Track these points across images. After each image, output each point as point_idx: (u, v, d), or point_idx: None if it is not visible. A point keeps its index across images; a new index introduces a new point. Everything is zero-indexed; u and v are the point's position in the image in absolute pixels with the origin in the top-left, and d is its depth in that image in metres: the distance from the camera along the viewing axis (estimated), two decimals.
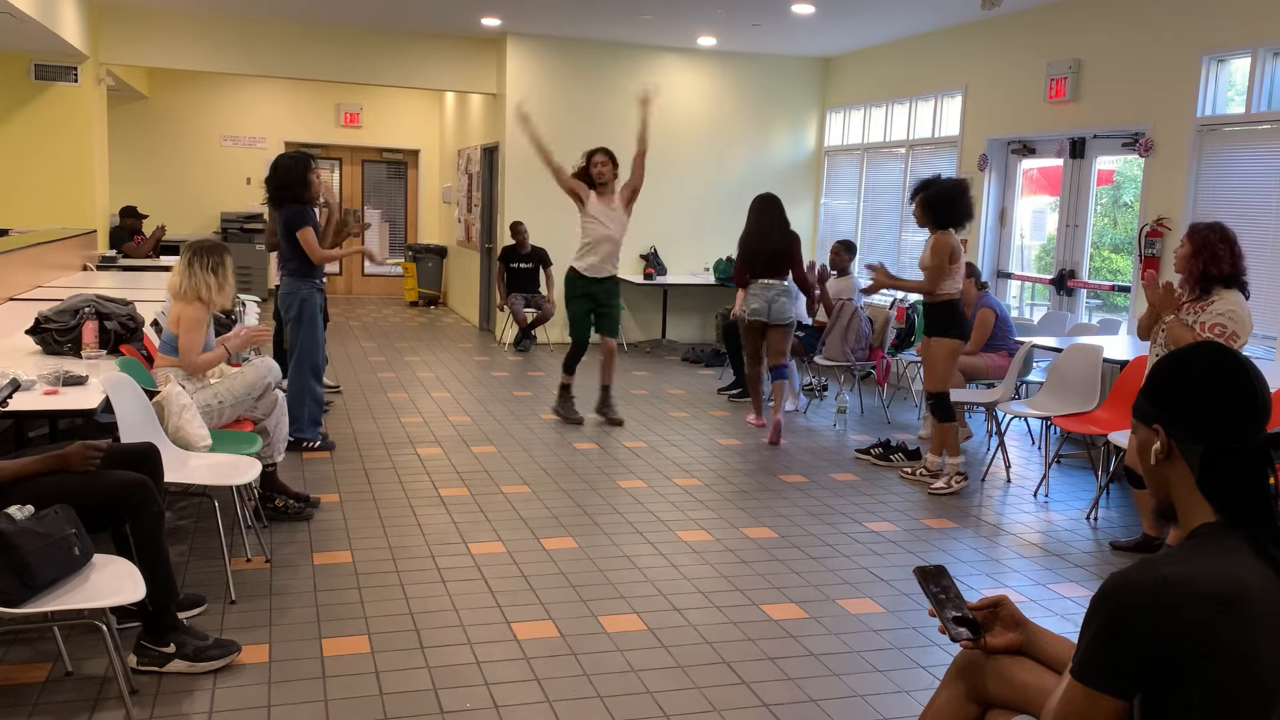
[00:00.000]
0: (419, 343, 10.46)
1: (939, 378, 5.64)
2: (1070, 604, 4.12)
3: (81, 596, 2.78)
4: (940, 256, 5.51)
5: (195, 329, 4.33)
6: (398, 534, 4.62)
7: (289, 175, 5.70)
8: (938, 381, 5.64)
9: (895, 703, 3.22)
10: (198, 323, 4.34)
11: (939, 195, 5.54)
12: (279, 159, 5.84)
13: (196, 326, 4.34)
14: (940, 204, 5.51)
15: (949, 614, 2.07)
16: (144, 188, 12.60)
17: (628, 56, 10.48)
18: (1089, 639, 1.54)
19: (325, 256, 5.87)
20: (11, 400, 3.25)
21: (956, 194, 5.54)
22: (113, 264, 9.18)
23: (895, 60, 9.68)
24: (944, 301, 5.58)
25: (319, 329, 5.91)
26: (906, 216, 9.45)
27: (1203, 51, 6.45)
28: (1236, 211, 6.05)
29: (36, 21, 7.04)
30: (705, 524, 4.94)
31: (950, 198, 5.51)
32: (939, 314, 5.61)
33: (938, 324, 5.62)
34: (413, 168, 14.69)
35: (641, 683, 3.28)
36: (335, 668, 3.30)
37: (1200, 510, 1.62)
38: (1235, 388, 1.61)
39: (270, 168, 5.86)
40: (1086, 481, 6.03)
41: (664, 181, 10.71)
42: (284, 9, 9.34)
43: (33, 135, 9.16)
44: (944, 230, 5.52)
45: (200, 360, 4.37)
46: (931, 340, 5.65)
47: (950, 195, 5.52)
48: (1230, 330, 4.30)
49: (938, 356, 5.62)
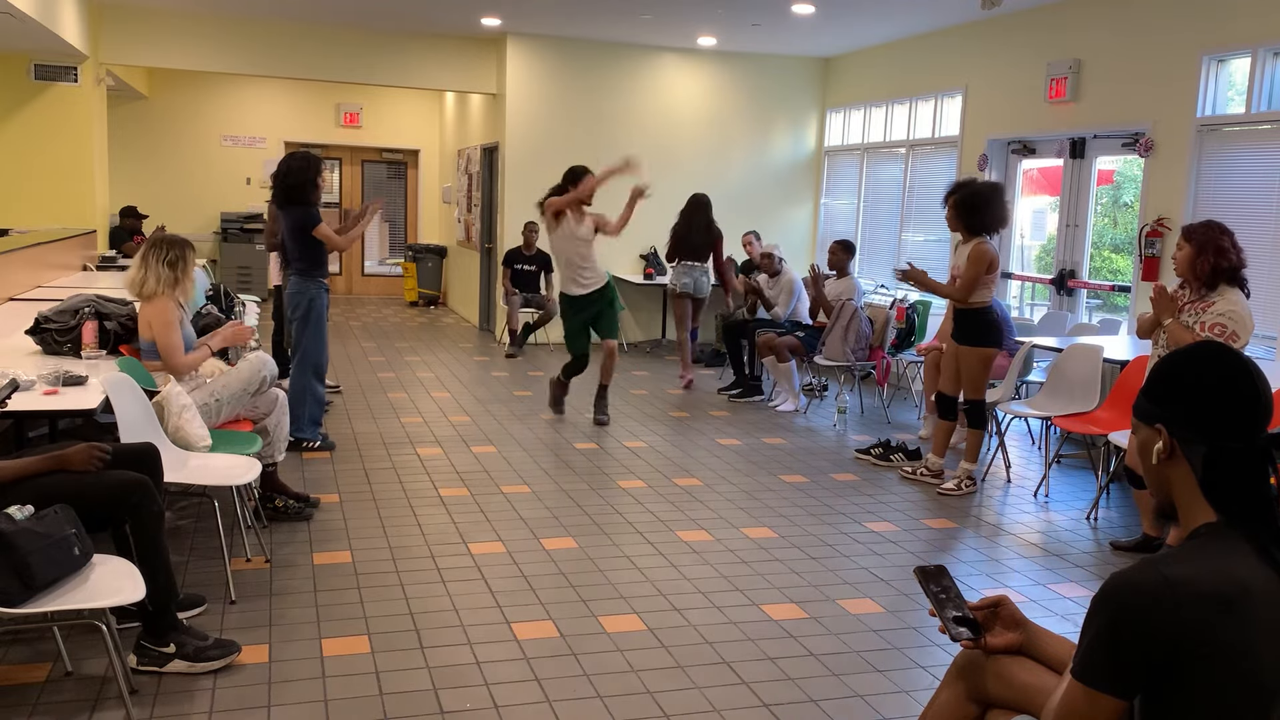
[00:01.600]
0: (419, 343, 10.46)
1: (978, 386, 5.56)
2: (1070, 604, 4.12)
3: (81, 596, 2.78)
4: (978, 266, 5.39)
5: (169, 329, 4.27)
6: (398, 534, 4.62)
7: (300, 176, 5.69)
8: (977, 390, 5.57)
9: (895, 703, 3.22)
10: (168, 323, 4.27)
11: (973, 197, 5.44)
12: (289, 158, 5.83)
13: (169, 326, 4.27)
14: (974, 206, 5.41)
15: (949, 614, 2.07)
16: (144, 188, 12.60)
17: (628, 56, 10.48)
18: (1090, 639, 1.54)
19: (348, 240, 5.89)
20: (11, 400, 3.25)
21: (991, 196, 5.45)
22: (113, 264, 9.18)
23: (895, 60, 9.68)
24: (977, 309, 5.48)
25: (324, 329, 5.91)
26: (907, 217, 9.46)
27: (1203, 51, 6.44)
28: (1236, 211, 6.05)
29: (36, 21, 7.03)
30: (705, 524, 4.94)
31: (985, 199, 5.42)
32: (972, 322, 5.51)
33: (971, 333, 5.51)
34: (413, 168, 14.69)
35: (641, 683, 3.28)
36: (335, 668, 3.30)
37: (1201, 510, 1.62)
38: (1237, 387, 1.60)
39: (279, 167, 5.84)
40: (1086, 481, 6.03)
41: (664, 182, 10.70)
42: (284, 9, 9.34)
43: (33, 135, 9.16)
44: (979, 237, 5.43)
45: (185, 361, 4.31)
46: (963, 349, 5.54)
47: (985, 197, 5.43)
48: (1230, 330, 4.30)
49: (974, 366, 5.52)
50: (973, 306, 5.48)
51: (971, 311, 5.50)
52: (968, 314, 5.52)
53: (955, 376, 5.66)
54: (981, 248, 5.41)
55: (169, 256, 4.32)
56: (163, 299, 4.30)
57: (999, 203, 5.46)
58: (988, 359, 5.54)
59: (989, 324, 5.50)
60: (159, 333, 4.27)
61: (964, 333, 5.55)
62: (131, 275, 4.36)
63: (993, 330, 5.52)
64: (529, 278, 10.16)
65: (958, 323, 5.59)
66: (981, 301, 5.48)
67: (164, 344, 4.27)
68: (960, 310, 5.55)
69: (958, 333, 5.60)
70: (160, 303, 4.29)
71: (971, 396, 5.60)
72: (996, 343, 5.57)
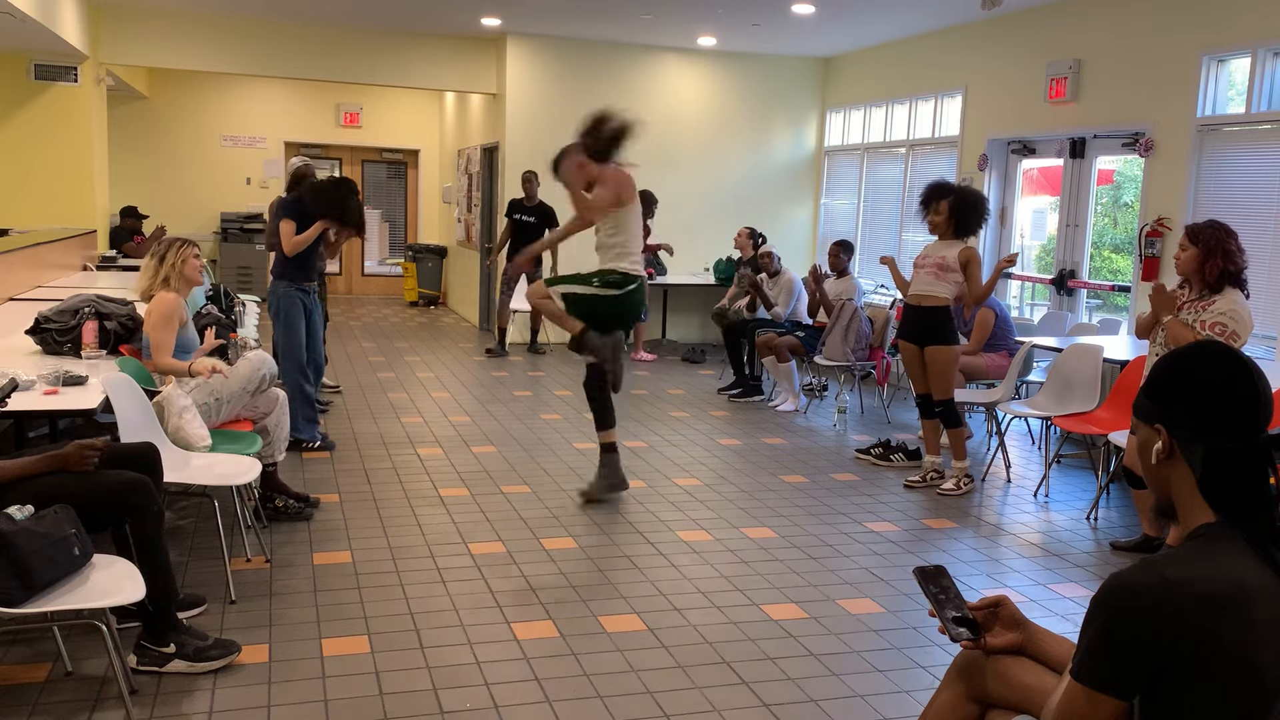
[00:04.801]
0: (419, 343, 10.46)
1: (948, 385, 5.57)
2: (1070, 604, 4.12)
3: (81, 596, 2.78)
4: (980, 268, 5.48)
5: (165, 323, 4.29)
6: (398, 534, 4.62)
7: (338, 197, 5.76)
8: (947, 389, 5.57)
9: (895, 703, 3.22)
10: (166, 316, 4.30)
11: (967, 200, 5.50)
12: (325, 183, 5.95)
13: (166, 320, 4.30)
14: (967, 208, 5.48)
15: (949, 614, 2.07)
16: (144, 188, 12.59)
17: (628, 56, 10.48)
18: (1089, 640, 1.54)
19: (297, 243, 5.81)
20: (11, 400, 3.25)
21: (979, 198, 5.55)
22: (113, 264, 9.18)
23: (895, 60, 9.68)
24: (944, 308, 5.52)
25: (296, 330, 5.90)
26: (907, 217, 9.45)
27: (1203, 51, 6.44)
28: (1236, 211, 6.05)
29: (36, 21, 7.03)
30: (705, 524, 4.93)
31: (974, 201, 5.51)
32: (939, 321, 5.53)
33: (938, 332, 5.53)
34: (412, 168, 14.69)
35: (641, 683, 3.28)
36: (335, 668, 3.30)
37: (1200, 510, 1.62)
38: (1237, 388, 1.60)
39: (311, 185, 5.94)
40: (1086, 481, 6.03)
41: (664, 182, 10.71)
42: (284, 9, 9.34)
43: (33, 135, 9.16)
44: (965, 240, 5.52)
45: (165, 362, 4.29)
46: (932, 349, 5.54)
47: (974, 199, 5.52)
48: (1231, 330, 4.29)
49: (947, 364, 5.54)
50: (941, 304, 5.51)
51: (939, 310, 5.52)
52: (934, 312, 5.52)
53: (923, 377, 5.65)
54: (974, 251, 5.53)
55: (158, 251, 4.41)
56: (163, 291, 4.34)
57: (985, 208, 5.59)
58: (958, 357, 5.64)
59: (954, 321, 5.61)
60: (153, 324, 4.30)
61: (931, 332, 5.54)
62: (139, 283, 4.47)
63: (955, 328, 5.63)
64: (530, 229, 9.44)
65: (920, 323, 5.57)
66: (950, 299, 5.53)
67: (154, 339, 4.30)
68: (926, 309, 5.53)
69: (921, 333, 5.57)
70: (163, 295, 4.34)
71: (943, 397, 5.59)
72: (958, 339, 5.69)
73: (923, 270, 5.56)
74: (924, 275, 5.55)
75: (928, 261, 5.56)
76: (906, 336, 5.65)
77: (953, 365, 5.58)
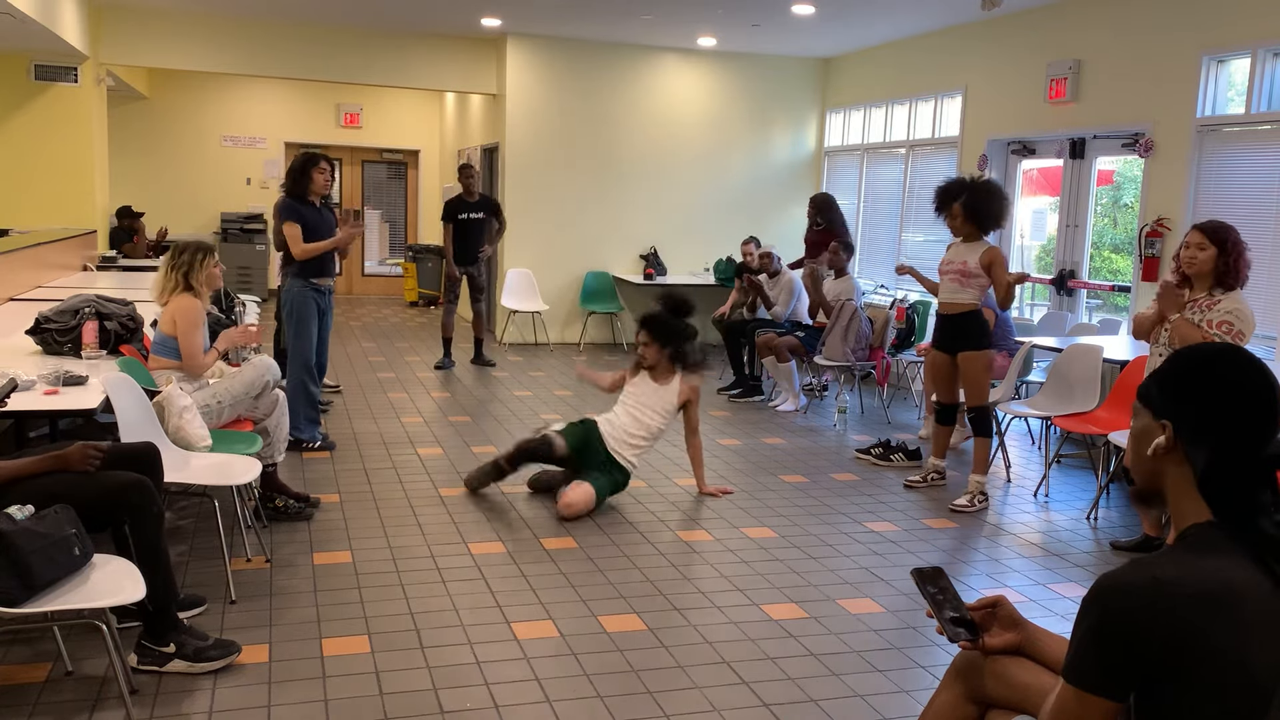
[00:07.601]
0: (419, 343, 10.46)
1: (983, 391, 5.39)
2: (1070, 604, 4.12)
3: (81, 596, 2.78)
4: (1005, 269, 5.26)
5: (194, 329, 4.34)
6: (398, 534, 4.62)
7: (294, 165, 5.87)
8: (982, 394, 5.40)
9: (895, 703, 3.22)
10: (195, 323, 4.34)
11: (979, 196, 5.31)
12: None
13: (195, 326, 4.34)
14: (981, 206, 5.30)
15: (947, 615, 2.07)
16: (144, 188, 12.60)
17: (628, 56, 10.48)
18: (1079, 641, 1.53)
19: (303, 251, 5.84)
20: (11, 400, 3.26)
21: (990, 191, 5.35)
22: (113, 264, 9.19)
23: (895, 60, 9.68)
24: (975, 311, 5.35)
25: (308, 328, 5.91)
26: (906, 217, 9.46)
27: (1203, 51, 6.44)
28: (1236, 211, 6.05)
29: (36, 21, 7.04)
30: (705, 524, 4.94)
31: (987, 196, 5.32)
32: (973, 326, 5.34)
33: (972, 336, 5.34)
34: (413, 168, 14.69)
35: (641, 683, 3.28)
36: (335, 668, 3.30)
37: (1195, 509, 1.60)
38: (1255, 396, 1.57)
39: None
40: (1086, 481, 6.03)
41: (664, 182, 10.73)
42: (284, 9, 9.34)
43: (33, 135, 9.17)
44: (984, 239, 5.35)
45: (204, 363, 4.41)
46: (965, 355, 5.34)
47: (985, 194, 5.33)
48: (1236, 329, 4.28)
49: (981, 369, 5.34)
50: (970, 309, 5.34)
51: (968, 315, 5.35)
52: (963, 318, 5.36)
53: (950, 384, 5.50)
54: (998, 250, 5.32)
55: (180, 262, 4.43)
56: (188, 296, 4.37)
57: (1002, 197, 5.39)
58: (990, 361, 5.45)
59: (986, 325, 5.43)
60: (183, 331, 4.33)
61: (963, 338, 5.36)
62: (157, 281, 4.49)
63: (989, 331, 5.45)
64: (475, 229, 8.77)
65: (956, 328, 5.39)
66: (977, 304, 5.40)
67: (187, 344, 4.34)
68: (954, 317, 5.38)
69: (956, 339, 5.38)
70: (187, 300, 4.36)
71: (977, 403, 5.41)
72: (991, 344, 5.49)
73: (946, 277, 5.41)
74: (948, 282, 5.39)
75: (951, 268, 5.38)
76: (939, 346, 5.48)
77: (987, 370, 5.38)
